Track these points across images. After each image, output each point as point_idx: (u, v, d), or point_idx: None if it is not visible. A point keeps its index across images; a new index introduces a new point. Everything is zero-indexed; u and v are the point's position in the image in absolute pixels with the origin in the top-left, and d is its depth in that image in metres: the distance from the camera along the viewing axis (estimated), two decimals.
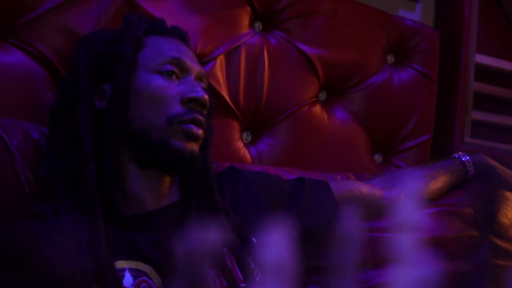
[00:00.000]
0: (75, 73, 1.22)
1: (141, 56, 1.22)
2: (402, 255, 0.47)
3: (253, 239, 1.20)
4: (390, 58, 1.94)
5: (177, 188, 1.25)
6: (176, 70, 1.22)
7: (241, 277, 1.16)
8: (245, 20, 1.70)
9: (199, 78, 1.25)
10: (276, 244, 0.45)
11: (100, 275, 1.04)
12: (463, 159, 1.58)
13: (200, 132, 1.19)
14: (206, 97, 1.20)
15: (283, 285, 0.45)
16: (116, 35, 1.24)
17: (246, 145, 1.70)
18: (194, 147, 1.18)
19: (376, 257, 1.30)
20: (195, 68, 1.25)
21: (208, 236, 0.49)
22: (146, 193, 1.19)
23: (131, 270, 1.09)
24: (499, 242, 1.53)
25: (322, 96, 1.83)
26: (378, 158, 1.92)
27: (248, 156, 1.68)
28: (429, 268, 0.46)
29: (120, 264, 1.09)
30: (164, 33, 1.29)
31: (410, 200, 0.47)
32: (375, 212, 1.39)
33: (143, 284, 1.09)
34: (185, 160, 1.18)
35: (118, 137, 1.17)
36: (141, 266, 1.11)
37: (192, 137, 1.18)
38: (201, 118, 1.19)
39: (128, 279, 1.08)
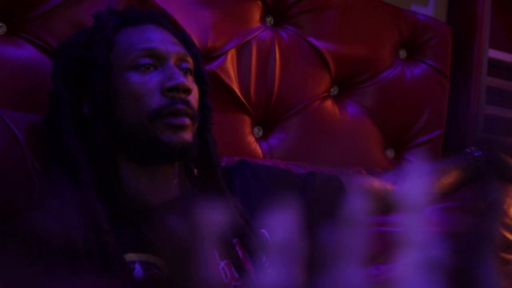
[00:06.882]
0: (53, 83, 1.21)
1: (113, 56, 1.19)
2: (412, 249, 0.46)
3: (264, 231, 1.19)
4: (402, 53, 1.93)
5: (184, 180, 1.24)
6: (152, 61, 1.17)
7: (252, 268, 1.15)
8: (256, 14, 1.70)
9: (179, 60, 1.20)
10: (285, 230, 0.44)
11: (109, 268, 1.04)
12: (476, 154, 1.57)
13: (185, 121, 1.15)
14: (185, 82, 1.15)
15: (292, 272, 0.44)
16: (87, 37, 1.21)
17: (257, 139, 1.70)
18: (184, 136, 1.15)
19: (387, 252, 1.30)
20: (172, 51, 1.20)
21: (218, 228, 0.49)
22: (151, 188, 1.18)
23: (142, 263, 1.09)
24: (509, 236, 1.52)
25: (334, 91, 1.83)
26: (390, 153, 1.92)
27: (259, 151, 1.68)
28: (439, 260, 0.46)
29: (131, 256, 1.09)
30: (136, 23, 1.23)
31: (421, 194, 0.47)
32: (386, 206, 1.38)
33: (154, 277, 1.08)
34: (177, 151, 1.15)
35: (109, 141, 1.15)
36: (151, 258, 1.10)
37: (178, 128, 1.14)
38: (182, 107, 1.15)
39: (138, 271, 1.08)
